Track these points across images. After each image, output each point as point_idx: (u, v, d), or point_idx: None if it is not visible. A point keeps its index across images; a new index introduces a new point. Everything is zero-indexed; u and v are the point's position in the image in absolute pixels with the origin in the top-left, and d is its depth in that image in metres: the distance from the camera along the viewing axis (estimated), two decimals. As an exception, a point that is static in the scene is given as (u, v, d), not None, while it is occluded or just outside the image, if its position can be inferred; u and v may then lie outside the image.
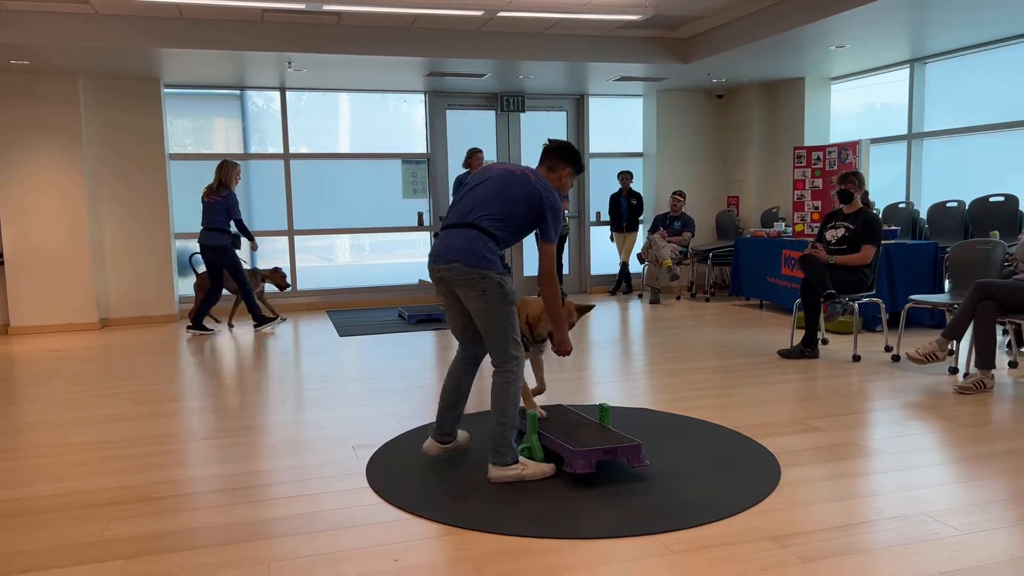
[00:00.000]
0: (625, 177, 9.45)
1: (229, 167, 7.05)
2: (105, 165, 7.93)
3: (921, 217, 7.48)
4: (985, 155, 7.24)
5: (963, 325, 4.52)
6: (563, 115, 9.72)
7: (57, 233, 7.68)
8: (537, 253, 3.15)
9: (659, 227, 8.96)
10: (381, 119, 9.19)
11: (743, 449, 3.47)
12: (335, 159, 8.99)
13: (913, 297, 5.25)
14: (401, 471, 3.27)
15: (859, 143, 7.89)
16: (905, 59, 7.77)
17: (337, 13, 6.46)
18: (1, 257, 7.61)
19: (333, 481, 3.19)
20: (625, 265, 9.55)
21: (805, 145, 8.72)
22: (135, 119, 7.97)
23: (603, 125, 9.87)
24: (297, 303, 8.80)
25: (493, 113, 9.48)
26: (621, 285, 9.62)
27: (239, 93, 8.68)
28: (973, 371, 4.49)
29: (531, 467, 3.11)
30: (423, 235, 9.48)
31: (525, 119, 9.59)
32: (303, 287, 8.96)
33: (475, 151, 8.15)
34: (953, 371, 4.89)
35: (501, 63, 7.55)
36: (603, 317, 7.69)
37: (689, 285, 9.35)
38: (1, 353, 6.53)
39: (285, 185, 8.80)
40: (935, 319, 6.44)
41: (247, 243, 7.28)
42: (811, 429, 3.76)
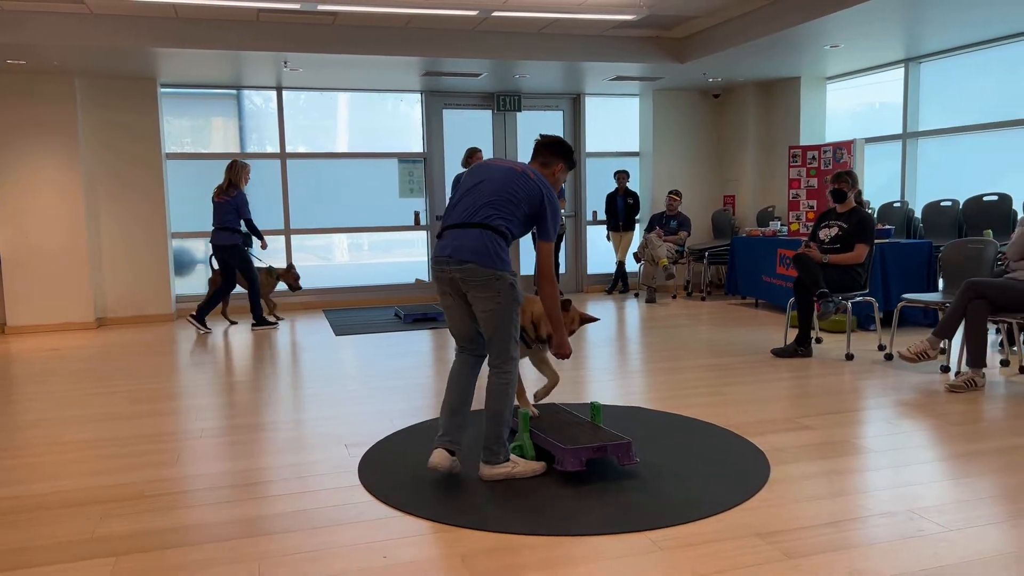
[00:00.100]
0: (621, 176, 9.47)
1: (239, 167, 7.10)
2: (102, 165, 7.95)
3: (916, 216, 7.50)
4: (979, 154, 7.27)
5: (954, 324, 4.54)
6: (559, 114, 9.73)
7: (54, 232, 7.70)
8: (535, 252, 3.12)
9: (655, 226, 8.98)
10: (378, 118, 9.21)
11: (734, 447, 3.49)
12: (331, 158, 9.01)
13: (905, 296, 5.27)
14: (393, 469, 3.29)
15: (854, 142, 7.91)
16: (900, 59, 7.80)
17: (332, 13, 6.48)
18: (-2, 256, 7.64)
19: (325, 479, 3.21)
20: (621, 264, 9.58)
21: (800, 144, 8.74)
22: (132, 118, 7.98)
23: (600, 124, 9.89)
24: (294, 302, 8.81)
25: (490, 112, 9.49)
26: (618, 284, 9.65)
27: (236, 93, 8.70)
28: (964, 369, 4.51)
29: (521, 465, 3.13)
30: (419, 234, 9.50)
31: (521, 118, 9.61)
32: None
33: (474, 150, 8.16)
34: (945, 369, 4.92)
35: (497, 63, 7.57)
36: (600, 316, 7.71)
37: (685, 284, 9.38)
38: (-2, 352, 6.56)
39: (282, 184, 8.82)
40: (928, 318, 6.46)
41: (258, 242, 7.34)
42: (802, 427, 3.78)
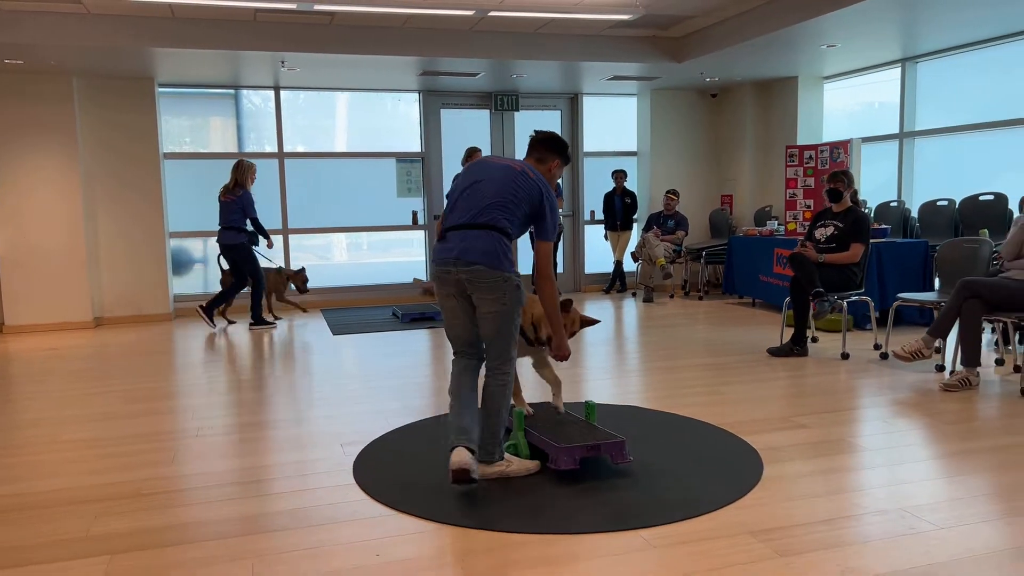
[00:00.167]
0: (619, 176, 9.48)
1: (245, 167, 7.11)
2: (100, 164, 7.96)
3: (912, 215, 7.52)
4: (975, 154, 7.28)
5: (949, 323, 4.55)
6: (557, 114, 9.74)
7: (52, 232, 7.70)
8: (532, 252, 3.13)
9: (653, 226, 8.99)
10: (376, 118, 9.22)
11: (729, 446, 3.50)
12: (330, 158, 9.02)
13: (901, 295, 5.28)
14: (388, 468, 3.31)
15: (851, 142, 7.93)
16: (896, 58, 7.81)
17: (329, 13, 6.48)
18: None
19: (321, 478, 3.22)
20: (619, 264, 9.59)
21: (798, 144, 8.75)
22: (130, 118, 7.99)
23: (597, 124, 9.90)
24: (292, 301, 8.80)
25: (487, 112, 9.50)
26: (615, 284, 9.66)
27: (233, 92, 8.71)
28: (959, 369, 4.52)
29: (515, 464, 3.14)
30: (417, 234, 9.50)
31: (519, 118, 9.61)
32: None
33: (474, 150, 8.15)
34: (939, 369, 4.93)
35: (494, 62, 7.58)
36: (597, 315, 7.72)
37: (683, 283, 9.39)
38: (-4, 352, 6.57)
39: (280, 184, 8.83)
40: (924, 317, 6.48)
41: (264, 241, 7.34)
42: (798, 426, 3.80)
